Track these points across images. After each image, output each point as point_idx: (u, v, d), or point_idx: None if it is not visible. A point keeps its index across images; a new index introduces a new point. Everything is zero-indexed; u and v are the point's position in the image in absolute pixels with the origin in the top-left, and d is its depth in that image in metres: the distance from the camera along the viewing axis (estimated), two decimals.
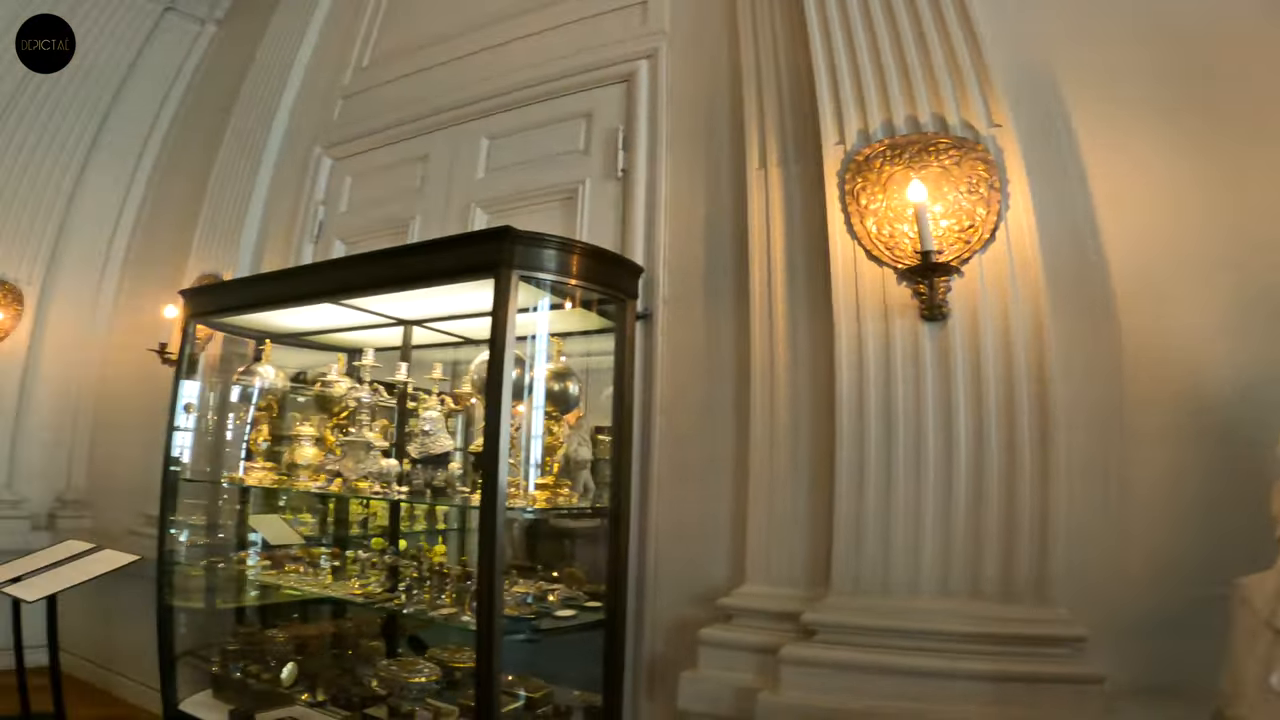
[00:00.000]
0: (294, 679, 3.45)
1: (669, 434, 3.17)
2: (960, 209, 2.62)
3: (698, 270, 3.25)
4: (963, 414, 2.54)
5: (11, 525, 5.08)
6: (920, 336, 2.61)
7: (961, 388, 2.55)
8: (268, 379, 3.66)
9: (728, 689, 2.75)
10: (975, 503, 2.50)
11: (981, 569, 2.48)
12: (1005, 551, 2.46)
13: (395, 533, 3.76)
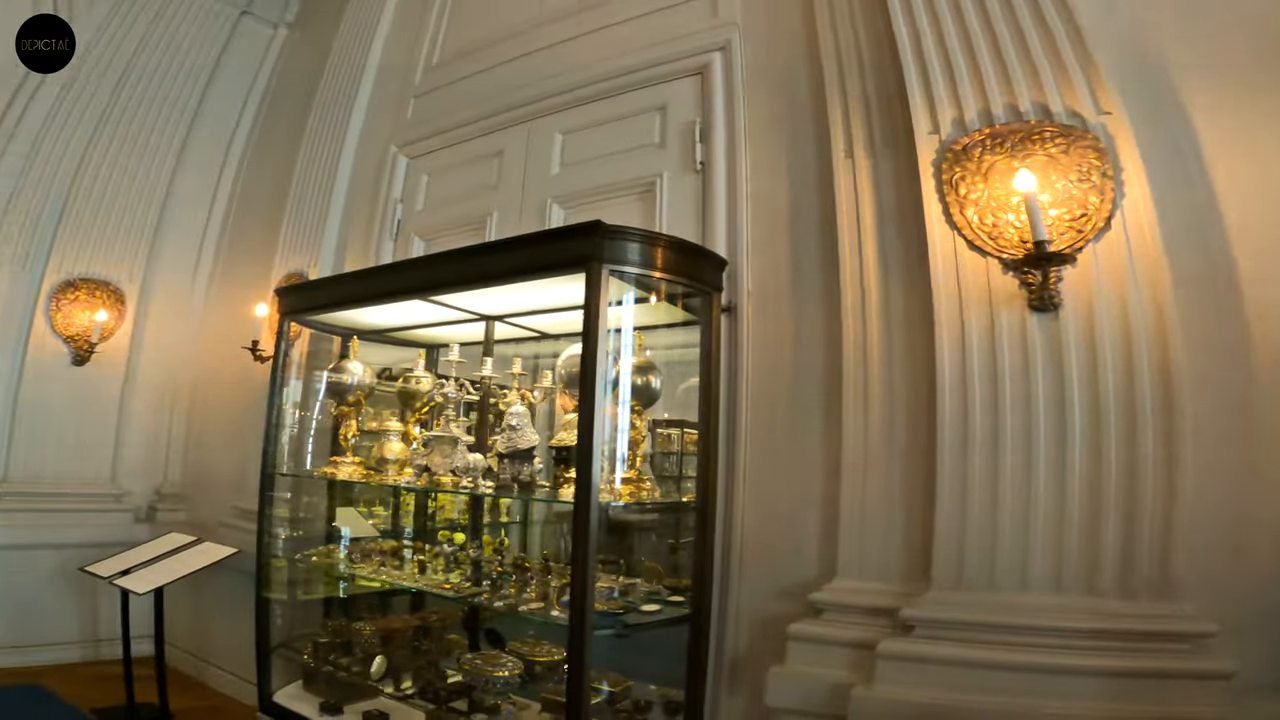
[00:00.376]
0: (382, 672, 3.48)
1: (755, 427, 3.10)
2: (1071, 197, 2.50)
3: (783, 262, 3.18)
4: (1077, 405, 2.43)
5: (116, 518, 5.27)
6: (1029, 327, 2.50)
7: (1075, 378, 2.43)
8: (356, 374, 3.70)
9: (818, 684, 2.69)
10: (1091, 496, 2.39)
11: (1098, 564, 2.37)
12: (1124, 546, 2.35)
13: (477, 526, 3.77)
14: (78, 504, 5.13)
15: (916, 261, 2.78)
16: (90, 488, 5.23)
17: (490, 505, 3.88)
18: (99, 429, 5.28)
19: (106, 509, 5.26)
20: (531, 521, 4.10)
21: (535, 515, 4.09)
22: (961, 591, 2.54)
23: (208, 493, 5.24)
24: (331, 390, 3.71)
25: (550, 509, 3.98)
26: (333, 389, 3.70)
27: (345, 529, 3.99)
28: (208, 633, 4.97)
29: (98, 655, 5.06)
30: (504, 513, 4.06)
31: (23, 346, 5.02)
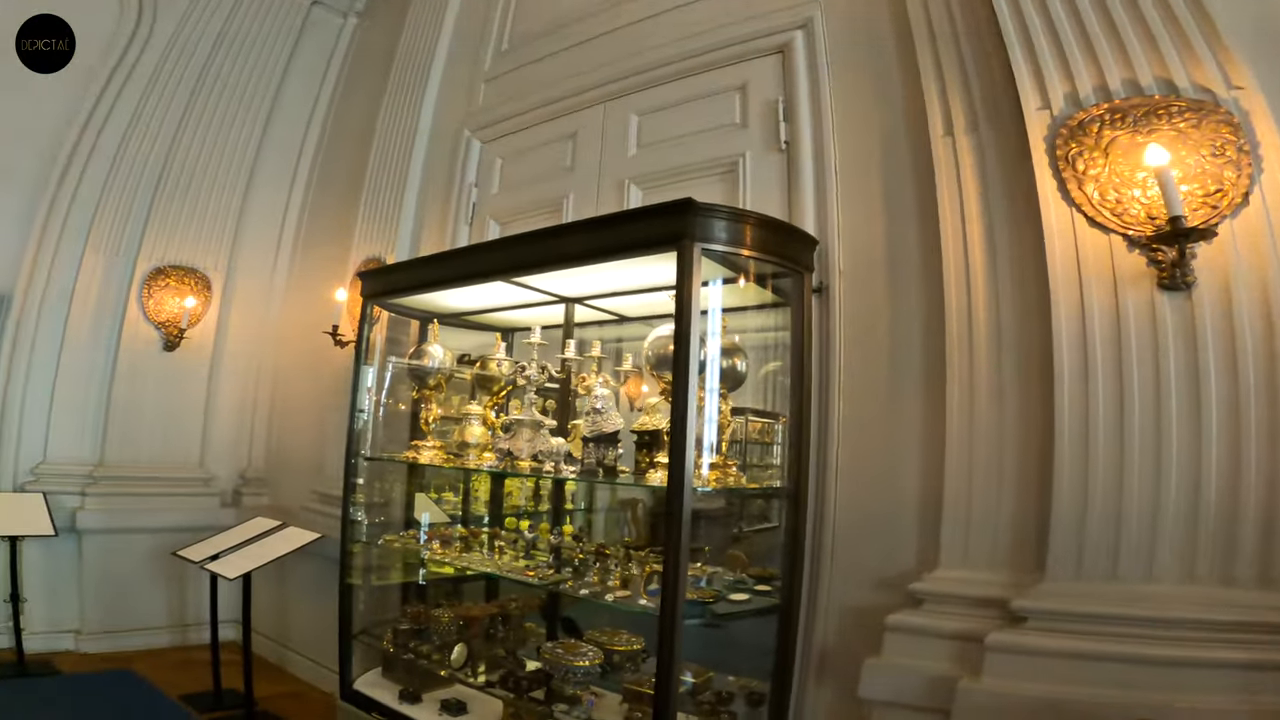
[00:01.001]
0: (462, 660, 3.42)
1: (848, 410, 2.96)
2: (1204, 173, 2.31)
3: (878, 242, 3.01)
4: (1213, 387, 2.23)
5: (204, 502, 5.36)
6: (1159, 306, 2.31)
7: (1211, 360, 2.24)
8: (437, 358, 3.64)
9: (917, 677, 2.55)
10: (1229, 483, 2.20)
11: (1235, 554, 2.19)
12: (1266, 535, 2.16)
13: (557, 512, 3.68)
14: (168, 488, 5.23)
15: (1027, 239, 2.60)
16: (180, 472, 5.31)
17: (552, 493, 3.77)
18: (187, 414, 5.36)
19: (195, 493, 5.34)
20: (596, 509, 4.01)
21: (599, 503, 4.00)
22: (1081, 582, 2.37)
23: (288, 477, 5.28)
24: (412, 374, 3.66)
25: (614, 496, 3.88)
26: (413, 372, 3.65)
27: (425, 514, 3.95)
28: (288, 618, 5.01)
29: (185, 640, 5.14)
30: (568, 499, 3.99)
31: (117, 333, 5.12)
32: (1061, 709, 2.26)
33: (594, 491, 3.99)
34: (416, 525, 3.87)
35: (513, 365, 3.53)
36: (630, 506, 3.81)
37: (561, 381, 3.48)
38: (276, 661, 4.96)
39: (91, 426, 5.08)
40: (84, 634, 4.88)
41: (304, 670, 4.74)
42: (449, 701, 3.37)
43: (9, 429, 4.83)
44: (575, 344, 3.28)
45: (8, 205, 4.84)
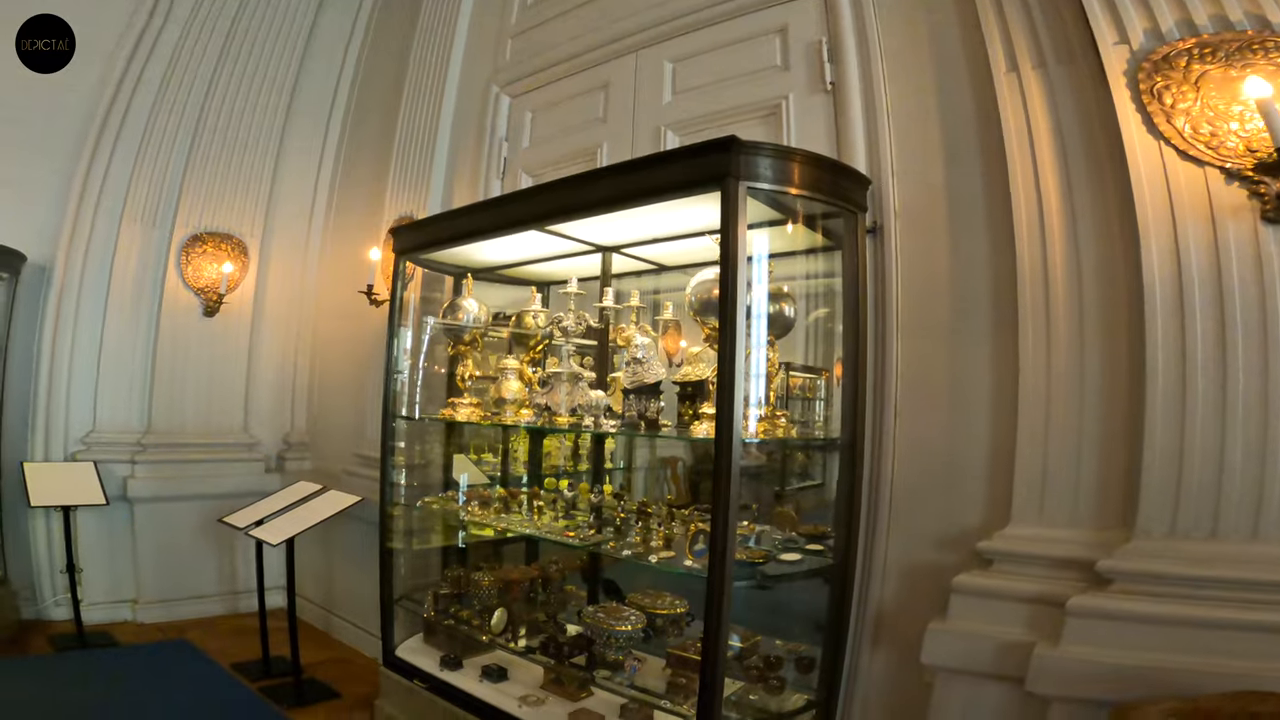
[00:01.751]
0: (502, 625, 3.26)
1: (907, 356, 2.69)
2: None
3: (937, 182, 2.71)
4: None
5: (248, 468, 5.26)
6: (1263, 240, 2.03)
7: None
8: (472, 312, 3.45)
9: (986, 642, 2.32)
10: None
11: None
12: None
13: (598, 470, 3.47)
14: (214, 454, 5.14)
15: (1107, 175, 2.31)
16: (225, 438, 5.22)
17: (591, 451, 3.56)
18: (230, 379, 5.25)
19: (240, 459, 5.25)
20: (636, 467, 3.82)
21: (639, 461, 3.82)
22: (1175, 540, 2.10)
23: (330, 440, 5.16)
24: (447, 330, 3.47)
25: (655, 455, 3.68)
26: (448, 329, 3.46)
27: (463, 476, 3.77)
28: (333, 584, 4.90)
29: (236, 608, 5.06)
30: (608, 458, 3.79)
31: (158, 300, 5.01)
32: (1151, 679, 2.01)
33: (634, 449, 3.80)
34: (455, 487, 3.72)
35: (549, 318, 3.32)
36: (670, 465, 3.61)
37: (599, 332, 3.25)
38: (323, 628, 4.87)
39: (138, 394, 4.99)
40: (140, 604, 4.82)
41: (350, 636, 4.63)
42: (490, 668, 3.21)
43: (58, 398, 4.77)
44: (613, 293, 3.03)
45: (43, 180, 4.73)
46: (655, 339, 2.93)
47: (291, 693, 3.78)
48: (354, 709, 3.66)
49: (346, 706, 3.71)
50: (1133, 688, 2.02)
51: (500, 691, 3.09)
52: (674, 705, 2.63)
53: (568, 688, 2.98)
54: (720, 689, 2.31)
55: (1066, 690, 2.13)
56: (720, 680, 2.31)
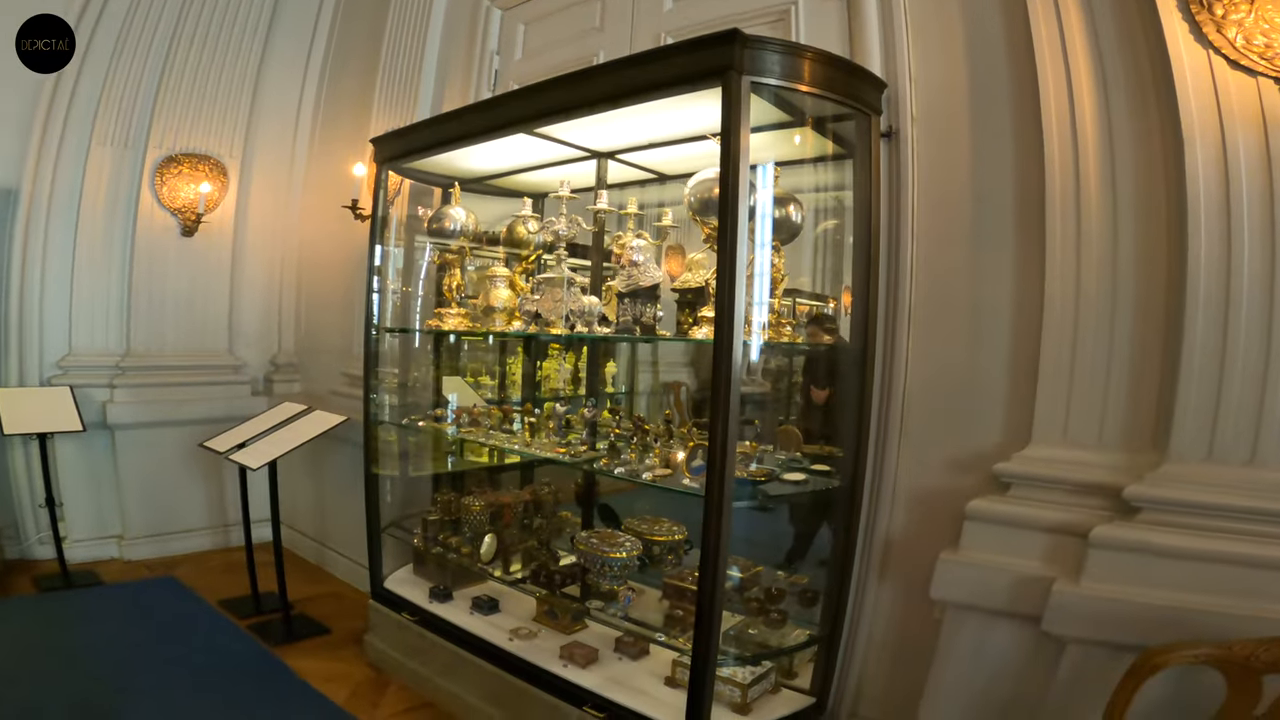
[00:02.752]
0: (492, 553, 3.06)
1: (923, 265, 2.45)
2: None
3: (959, 87, 2.42)
4: None
5: (234, 391, 5.00)
6: None
7: None
8: (459, 221, 3.19)
9: (1001, 575, 2.13)
10: None
11: None
12: None
13: (594, 386, 3.24)
14: (198, 377, 4.87)
15: (1149, 81, 2.05)
16: (208, 359, 4.95)
17: (589, 372, 3.34)
18: (212, 299, 4.96)
19: (225, 381, 4.99)
20: (637, 390, 3.65)
21: (640, 385, 3.66)
22: (1213, 465, 1.90)
23: (319, 361, 4.91)
24: (434, 239, 3.23)
25: (657, 379, 3.50)
26: (435, 238, 3.21)
27: (452, 394, 3.56)
28: (325, 515, 4.68)
29: (227, 542, 4.85)
30: (608, 382, 3.59)
31: (132, 221, 4.69)
32: (1181, 621, 1.83)
33: (636, 373, 3.62)
34: (445, 405, 3.49)
35: (540, 225, 3.06)
36: (674, 389, 3.41)
37: (593, 239, 3.00)
38: (316, 561, 4.66)
39: (115, 316, 4.70)
40: (127, 539, 4.60)
41: (343, 570, 4.44)
42: (480, 599, 3.06)
43: (30, 322, 4.47)
44: (606, 196, 2.76)
45: (5, 102, 4.34)
46: (653, 244, 2.67)
47: (280, 629, 3.59)
48: (343, 645, 3.49)
49: (336, 642, 3.52)
50: (1160, 631, 1.84)
51: (491, 624, 2.93)
52: (670, 638, 2.45)
53: (561, 620, 2.82)
54: (718, 621, 2.14)
55: (1087, 632, 1.96)
56: (718, 611, 2.13)
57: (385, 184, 3.38)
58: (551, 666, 2.60)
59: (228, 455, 3.85)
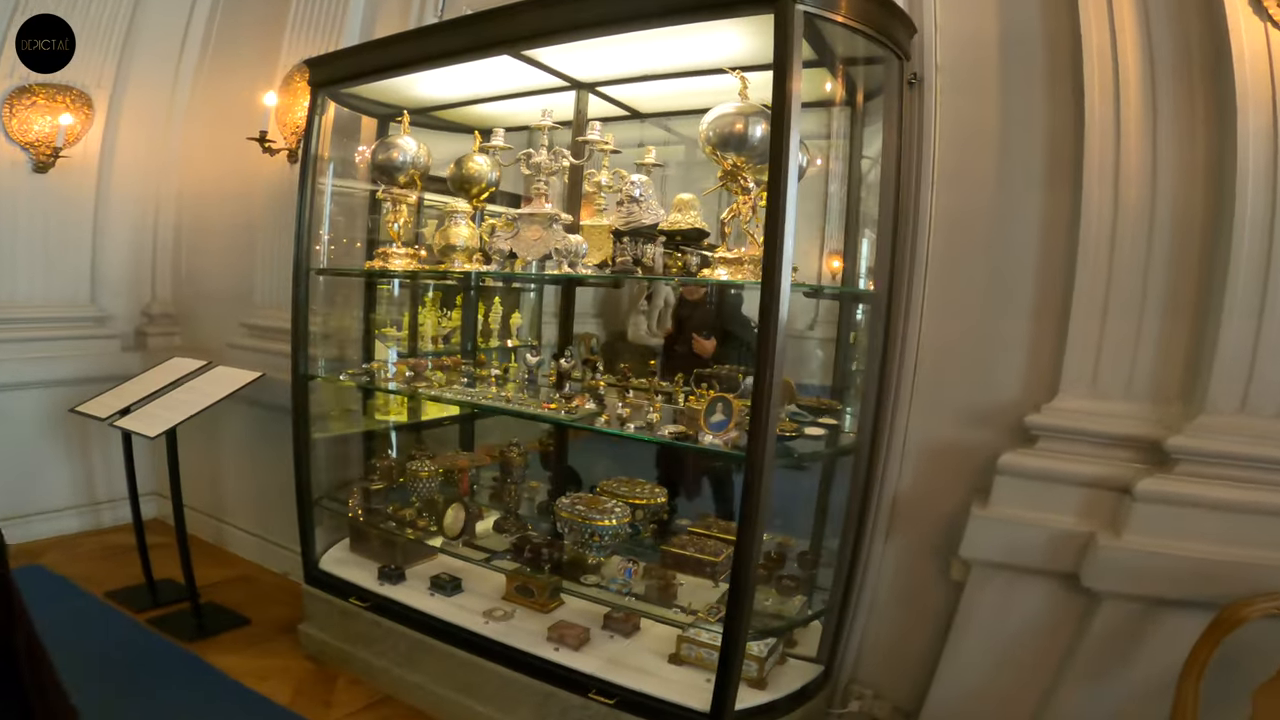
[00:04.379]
0: (460, 526, 2.67)
1: (944, 211, 2.28)
2: None
3: (989, 40, 2.25)
4: None
5: (100, 346, 4.21)
6: None
7: None
8: (409, 151, 2.73)
9: (1037, 532, 2.02)
10: None
11: None
12: None
13: (568, 331, 2.90)
14: (54, 330, 4.05)
15: (1195, 46, 1.95)
16: (67, 310, 4.13)
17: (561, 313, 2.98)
18: (72, 242, 4.13)
19: (89, 335, 4.19)
20: (545, 344, 3.36)
21: (547, 338, 3.36)
22: (1246, 416, 1.85)
23: (208, 310, 4.21)
24: (380, 171, 2.75)
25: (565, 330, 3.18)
26: (381, 169, 2.74)
27: (392, 345, 3.13)
28: (222, 486, 4.02)
29: (98, 523, 4.10)
30: (513, 334, 3.36)
31: None
32: (1225, 575, 1.80)
33: (613, 323, 3.29)
34: (384, 357, 3.06)
35: (492, 163, 2.69)
36: (584, 341, 3.22)
37: (572, 174, 2.67)
38: (214, 540, 4.00)
39: None
40: None
41: (248, 548, 3.84)
42: (440, 579, 2.67)
43: None
44: (599, 126, 2.42)
45: None
46: (647, 181, 2.38)
47: (190, 623, 2.99)
48: (270, 636, 2.96)
49: (260, 634, 2.99)
50: (1203, 584, 1.81)
51: (457, 606, 2.57)
52: (664, 612, 2.20)
53: (539, 597, 2.50)
54: (750, 597, 1.91)
55: (1127, 587, 1.89)
56: (751, 587, 1.91)
57: (322, 111, 2.87)
58: (540, 650, 2.28)
59: (111, 422, 3.21)
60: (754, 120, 2.02)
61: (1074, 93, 2.10)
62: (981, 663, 2.14)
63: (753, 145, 2.04)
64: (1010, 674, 2.11)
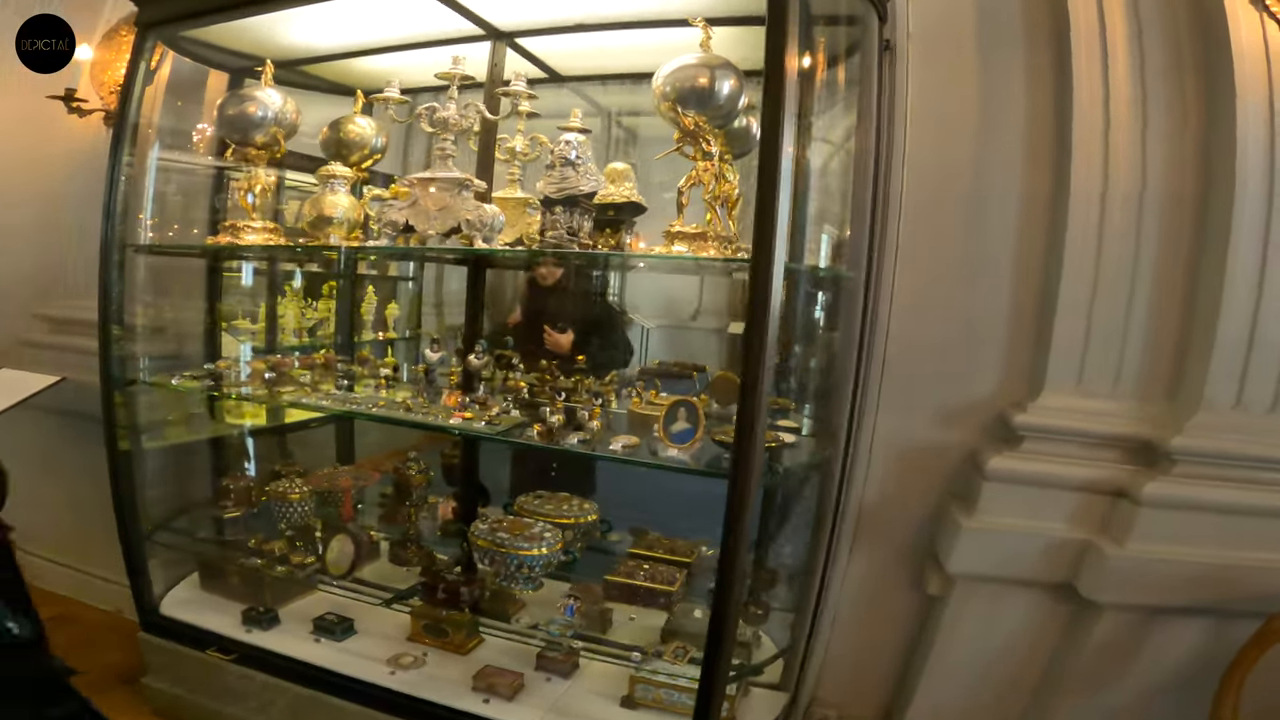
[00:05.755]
0: (348, 562, 2.15)
1: (914, 194, 2.02)
2: None
3: (967, 8, 2.02)
4: None
5: None
6: None
7: None
8: (272, 106, 2.14)
9: (1030, 542, 1.83)
10: None
11: None
12: None
13: (476, 322, 2.38)
14: None
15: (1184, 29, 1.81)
16: None
17: (469, 299, 2.46)
18: None
19: None
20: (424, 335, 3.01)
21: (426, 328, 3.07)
22: (1240, 414, 1.73)
23: None
24: (231, 126, 2.14)
25: (443, 321, 2.94)
26: (233, 125, 2.14)
27: (244, 341, 2.54)
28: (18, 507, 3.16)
29: None
30: (389, 325, 2.95)
31: None
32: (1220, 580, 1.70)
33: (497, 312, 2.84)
34: (236, 354, 2.48)
35: (377, 126, 2.20)
36: None
37: (483, 137, 2.20)
38: None
39: None
40: None
41: (63, 582, 2.99)
42: (327, 621, 2.11)
43: None
44: (525, 80, 1.98)
45: None
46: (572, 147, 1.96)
47: None
48: (106, 688, 2.26)
49: (93, 686, 2.14)
50: (1207, 589, 1.69)
51: (353, 653, 2.03)
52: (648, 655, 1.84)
53: (454, 637, 2.04)
54: (733, 638, 1.59)
55: (1129, 596, 1.73)
56: (734, 623, 1.57)
57: (148, 57, 2.21)
58: (466, 703, 1.81)
59: None
60: (721, 73, 1.67)
61: (1055, 67, 1.91)
62: (966, 678, 1.94)
63: (718, 103, 1.69)
64: (995, 689, 1.93)
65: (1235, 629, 1.66)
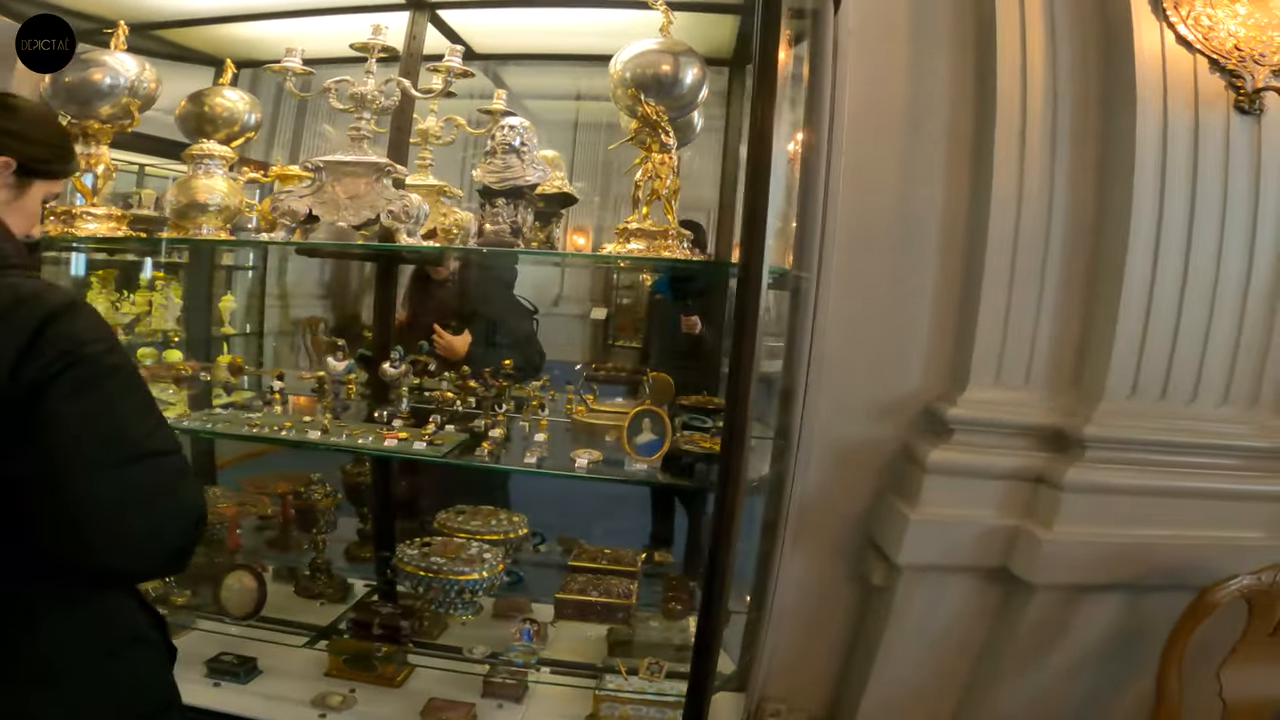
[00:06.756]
0: (252, 604, 1.85)
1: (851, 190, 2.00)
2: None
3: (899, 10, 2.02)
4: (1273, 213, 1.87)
5: None
6: (1233, 129, 1.85)
7: (1274, 183, 1.86)
8: (125, 73, 1.76)
9: (967, 530, 1.91)
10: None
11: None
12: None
13: (386, 325, 2.13)
14: None
15: (1093, 44, 1.93)
16: None
17: (378, 298, 2.19)
18: None
19: None
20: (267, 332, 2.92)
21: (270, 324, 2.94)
22: (1136, 401, 1.88)
23: None
24: (69, 98, 1.74)
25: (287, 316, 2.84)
26: (72, 96, 1.74)
27: None
28: None
29: None
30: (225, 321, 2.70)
31: None
32: (1135, 558, 1.85)
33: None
34: None
35: (250, 102, 1.91)
36: (309, 327, 2.78)
37: (396, 118, 1.95)
38: None
39: None
40: None
41: None
42: (224, 662, 1.80)
43: None
44: (462, 51, 1.74)
45: None
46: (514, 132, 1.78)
47: None
48: None
49: None
50: (1128, 566, 1.84)
51: (263, 696, 1.75)
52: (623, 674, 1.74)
53: (382, 670, 1.81)
54: (717, 653, 1.52)
55: (1061, 576, 1.83)
56: (718, 643, 1.51)
57: None
58: None
59: None
60: (684, 61, 1.58)
61: (976, 71, 1.98)
62: (914, 662, 2.00)
63: (680, 92, 1.59)
64: (939, 670, 2.02)
65: (1148, 601, 1.84)
